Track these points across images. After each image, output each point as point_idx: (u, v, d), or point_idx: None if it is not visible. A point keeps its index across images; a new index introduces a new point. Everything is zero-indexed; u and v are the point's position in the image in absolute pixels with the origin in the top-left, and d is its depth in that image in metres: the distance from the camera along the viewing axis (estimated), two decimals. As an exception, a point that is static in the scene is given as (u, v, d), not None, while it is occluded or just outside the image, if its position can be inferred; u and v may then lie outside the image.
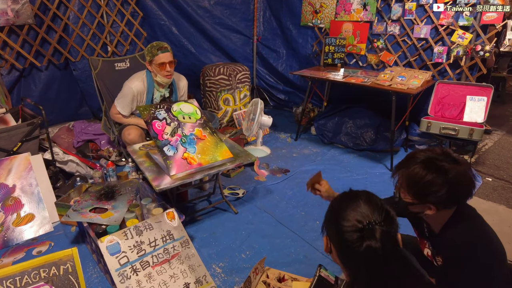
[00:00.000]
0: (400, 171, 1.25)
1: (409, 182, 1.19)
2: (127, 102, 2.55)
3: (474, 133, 2.69)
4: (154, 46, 2.48)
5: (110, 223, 1.91)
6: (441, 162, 1.14)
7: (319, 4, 3.89)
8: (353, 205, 0.99)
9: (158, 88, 2.62)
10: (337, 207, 1.04)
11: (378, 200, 1.02)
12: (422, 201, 1.19)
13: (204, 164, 2.07)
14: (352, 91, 3.87)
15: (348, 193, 1.08)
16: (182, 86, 2.81)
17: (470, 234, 1.20)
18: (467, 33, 3.04)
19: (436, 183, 1.13)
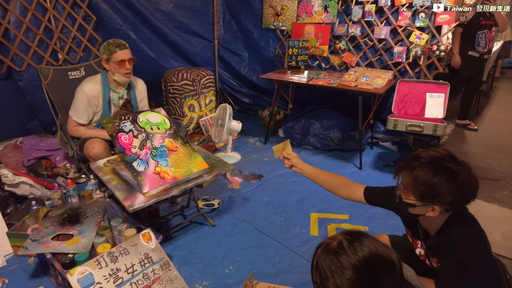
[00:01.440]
0: (405, 171, 1.23)
1: (416, 182, 1.16)
2: (83, 108, 2.34)
3: (438, 128, 2.80)
4: (111, 43, 2.32)
5: (78, 250, 1.71)
6: (448, 163, 1.13)
7: (280, 6, 3.87)
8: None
9: (115, 89, 2.44)
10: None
11: (385, 249, 0.82)
12: (427, 202, 1.17)
13: (179, 178, 1.93)
14: (317, 93, 3.91)
15: (341, 249, 0.81)
16: (141, 88, 2.65)
17: (469, 235, 1.21)
18: (423, 34, 3.17)
19: (445, 185, 1.11)
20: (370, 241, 0.79)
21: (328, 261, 0.79)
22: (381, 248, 0.78)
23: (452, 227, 1.23)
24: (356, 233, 0.82)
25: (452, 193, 1.11)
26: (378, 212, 2.49)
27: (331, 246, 0.81)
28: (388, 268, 0.74)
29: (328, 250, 0.81)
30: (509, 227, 2.45)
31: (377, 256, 0.76)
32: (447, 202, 1.13)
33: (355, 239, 0.79)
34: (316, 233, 2.27)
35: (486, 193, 2.91)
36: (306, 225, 2.35)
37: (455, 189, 1.10)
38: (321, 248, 0.83)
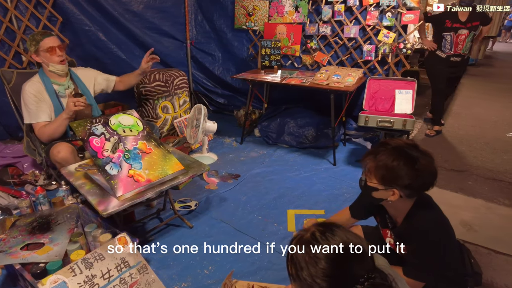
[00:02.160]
0: (370, 156, 1.29)
1: (378, 166, 1.24)
2: (35, 107, 2.25)
3: (407, 123, 2.91)
4: (35, 34, 2.28)
5: (50, 259, 1.65)
6: (410, 151, 1.19)
7: (252, 6, 3.90)
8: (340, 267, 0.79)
9: (57, 81, 2.36)
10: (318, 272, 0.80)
11: (357, 239, 0.84)
12: (387, 185, 1.23)
13: (153, 180, 1.91)
14: (290, 92, 3.96)
15: (313, 239, 0.83)
16: (85, 73, 2.57)
17: (433, 222, 1.28)
18: (391, 33, 3.29)
19: (403, 169, 1.18)
20: (341, 232, 0.82)
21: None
22: (352, 238, 0.81)
23: (416, 215, 1.30)
24: (328, 224, 0.85)
25: (409, 177, 1.18)
26: (352, 206, 2.56)
27: (305, 237, 0.83)
28: (359, 257, 0.77)
29: (301, 242, 0.83)
30: (473, 214, 2.58)
31: (348, 246, 0.78)
32: (405, 185, 1.20)
33: (327, 230, 0.82)
34: (293, 229, 2.31)
35: (453, 184, 3.05)
36: (283, 222, 2.38)
37: (413, 173, 1.17)
38: (295, 240, 0.86)
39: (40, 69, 2.36)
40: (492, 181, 3.13)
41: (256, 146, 3.71)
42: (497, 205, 2.73)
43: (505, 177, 3.19)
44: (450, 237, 1.34)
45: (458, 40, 3.63)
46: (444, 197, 2.84)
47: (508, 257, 2.14)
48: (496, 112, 5.14)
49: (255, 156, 3.47)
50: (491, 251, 2.20)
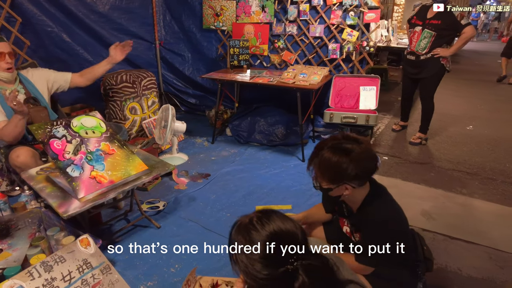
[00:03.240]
0: (312, 162, 1.34)
1: (322, 169, 1.29)
2: None
3: (370, 119, 3.02)
4: None
5: (8, 265, 1.63)
6: (344, 144, 1.25)
7: (220, 7, 3.92)
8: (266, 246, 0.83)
9: (5, 87, 2.31)
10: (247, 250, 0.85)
11: (291, 225, 0.88)
12: (337, 183, 1.29)
13: (116, 181, 1.91)
14: (261, 91, 4.02)
15: (251, 225, 0.88)
16: (37, 74, 2.51)
17: (385, 211, 1.35)
18: (354, 31, 3.39)
19: (343, 162, 1.24)
20: (278, 218, 0.87)
21: (240, 237, 0.86)
22: (287, 224, 0.86)
23: (369, 204, 1.37)
24: (267, 211, 0.90)
25: (353, 168, 1.24)
26: (318, 200, 2.62)
27: (243, 223, 0.88)
28: (292, 241, 0.82)
29: (240, 227, 0.88)
30: (433, 204, 2.71)
31: (282, 231, 0.84)
32: (352, 177, 1.26)
33: (264, 216, 0.87)
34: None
35: (416, 176, 3.19)
36: (251, 219, 2.42)
37: (354, 163, 1.24)
38: (235, 226, 0.90)
39: None
40: (452, 171, 3.29)
41: (227, 145, 3.74)
42: (455, 194, 2.88)
43: (463, 168, 3.36)
44: (401, 225, 1.41)
45: (412, 37, 3.62)
46: (407, 188, 2.97)
47: (462, 242, 2.27)
48: (458, 107, 5.39)
49: (226, 155, 3.50)
50: (447, 237, 2.32)
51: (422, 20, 3.55)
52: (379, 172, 3.19)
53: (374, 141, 3.98)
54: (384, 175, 3.18)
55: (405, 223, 1.47)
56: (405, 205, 2.76)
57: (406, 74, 3.91)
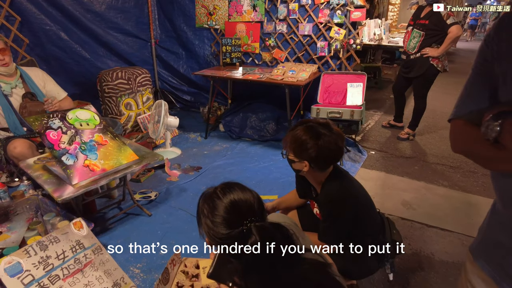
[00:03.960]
0: (289, 132, 1.47)
1: (291, 140, 1.43)
2: None
3: (355, 114, 3.14)
4: None
5: (6, 245, 1.75)
6: (320, 129, 1.38)
7: (212, 6, 4.04)
8: (225, 209, 0.96)
9: (4, 80, 2.45)
10: (210, 214, 0.98)
11: (249, 195, 1.00)
12: (299, 158, 1.42)
13: (108, 169, 2.03)
14: (253, 88, 4.14)
15: (215, 195, 1.00)
16: (38, 75, 2.66)
17: (333, 191, 1.47)
18: (341, 29, 3.51)
19: (308, 143, 1.37)
20: (238, 189, 1.00)
21: (206, 204, 1.00)
22: (246, 195, 0.99)
23: (327, 184, 1.49)
24: (231, 183, 1.03)
25: (314, 151, 1.37)
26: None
27: (208, 193, 1.02)
28: (248, 208, 0.96)
29: (206, 197, 1.02)
30: (414, 195, 2.83)
31: (241, 200, 0.97)
32: (312, 158, 1.39)
33: (227, 187, 1.01)
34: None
35: (401, 169, 3.31)
36: (238, 207, 2.54)
37: (317, 147, 1.37)
38: (202, 196, 1.04)
39: None
40: (436, 165, 3.41)
41: (220, 140, 3.86)
42: (436, 186, 3.00)
43: (447, 162, 3.48)
44: (358, 205, 1.51)
45: (405, 37, 3.78)
46: (390, 181, 3.09)
47: (438, 230, 2.39)
48: (450, 104, 5.50)
49: (218, 150, 3.63)
50: (424, 225, 2.45)
51: (414, 20, 3.68)
52: (365, 166, 3.33)
53: (362, 137, 4.11)
54: (369, 168, 3.30)
55: (367, 205, 1.58)
56: (386, 196, 2.90)
57: (400, 72, 4.04)
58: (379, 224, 1.68)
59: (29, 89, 2.51)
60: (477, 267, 0.82)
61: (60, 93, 2.74)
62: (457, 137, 0.81)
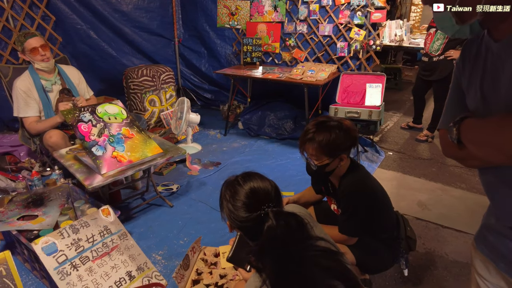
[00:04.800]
0: (306, 144, 1.53)
1: (320, 146, 1.47)
2: (24, 102, 2.52)
3: (373, 114, 3.17)
4: (20, 35, 2.53)
5: (42, 227, 1.90)
6: (330, 122, 1.46)
7: (235, 6, 4.14)
8: (245, 196, 1.07)
9: (45, 77, 2.61)
10: (231, 199, 1.10)
11: (267, 183, 1.12)
12: (334, 156, 1.49)
13: (134, 161, 2.16)
14: (271, 87, 4.21)
15: (236, 182, 1.11)
16: (74, 73, 2.82)
17: (358, 183, 1.53)
18: (361, 30, 3.54)
19: (340, 136, 1.45)
20: (258, 177, 1.10)
21: (227, 191, 1.12)
22: (264, 183, 1.09)
23: (345, 177, 1.55)
24: (251, 172, 1.13)
25: (346, 139, 1.46)
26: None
27: (230, 180, 1.14)
28: (266, 195, 1.06)
29: (228, 184, 1.14)
30: (429, 196, 2.85)
31: (260, 187, 1.07)
32: (347, 147, 1.49)
33: (247, 175, 1.11)
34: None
35: (418, 170, 3.32)
36: (255, 202, 2.63)
37: (346, 135, 1.46)
38: (225, 183, 1.15)
39: (30, 66, 2.61)
40: (454, 168, 3.39)
41: (238, 138, 3.96)
42: (453, 188, 3.00)
43: (466, 164, 3.45)
44: (376, 199, 1.57)
45: (427, 39, 3.74)
46: (406, 181, 3.11)
47: (452, 231, 2.41)
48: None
49: (237, 147, 3.73)
50: (439, 226, 2.46)
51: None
52: (382, 166, 3.36)
53: (381, 137, 4.12)
54: (386, 168, 3.32)
55: (383, 200, 1.63)
56: (401, 196, 2.92)
57: (419, 75, 4.01)
58: (394, 220, 1.73)
59: (66, 85, 2.68)
60: (478, 252, 0.91)
61: (89, 92, 2.93)
62: (442, 144, 0.94)
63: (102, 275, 1.72)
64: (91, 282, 1.69)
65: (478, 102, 0.83)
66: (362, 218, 1.52)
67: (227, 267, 1.88)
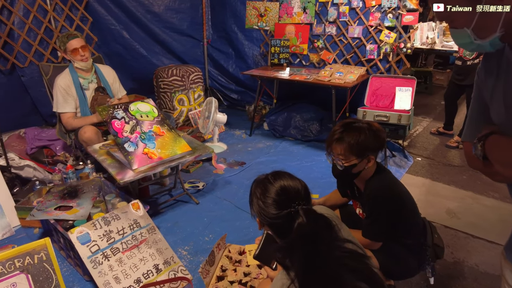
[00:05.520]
0: (334, 145, 1.53)
1: (349, 146, 1.46)
2: (63, 99, 2.66)
3: (402, 118, 3.11)
4: (63, 35, 2.68)
5: (77, 218, 2.00)
6: (358, 124, 1.46)
7: (264, 8, 4.17)
8: (276, 192, 1.09)
9: (83, 75, 2.74)
10: (262, 197, 1.12)
11: (297, 182, 1.14)
12: (362, 156, 1.48)
13: (164, 158, 2.23)
14: (298, 88, 4.21)
15: (267, 180, 1.14)
16: (109, 72, 2.95)
17: (383, 187, 1.52)
18: (392, 33, 3.48)
19: (369, 137, 1.45)
20: (288, 176, 1.12)
21: (258, 188, 1.14)
22: (294, 182, 1.10)
23: (371, 181, 1.54)
24: (281, 171, 1.16)
25: (376, 140, 1.46)
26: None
27: (261, 178, 1.17)
28: (296, 193, 1.08)
29: (258, 181, 1.17)
30: (459, 204, 2.76)
31: (290, 185, 1.09)
32: (376, 148, 1.48)
33: (277, 174, 1.13)
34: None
35: (447, 177, 3.22)
36: (279, 203, 2.65)
37: (375, 136, 1.45)
38: (255, 181, 1.18)
39: (70, 64, 2.75)
40: (487, 176, 3.26)
41: (263, 138, 3.99)
42: (485, 197, 2.88)
43: (500, 173, 3.31)
44: (402, 204, 1.54)
45: None
46: (434, 188, 3.02)
47: (483, 241, 2.32)
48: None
49: (262, 147, 3.75)
50: (469, 236, 2.38)
51: None
52: (410, 172, 3.28)
53: (409, 142, 4.02)
54: (414, 174, 3.25)
55: (409, 205, 1.60)
56: (429, 203, 2.85)
57: (452, 79, 3.91)
58: (421, 227, 1.70)
59: (101, 84, 2.81)
60: (508, 262, 0.88)
61: (122, 92, 3.04)
62: (467, 157, 0.94)
63: (131, 267, 1.79)
64: (120, 272, 1.76)
65: (502, 117, 0.81)
66: (387, 223, 1.50)
67: (251, 265, 1.90)
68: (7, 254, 1.48)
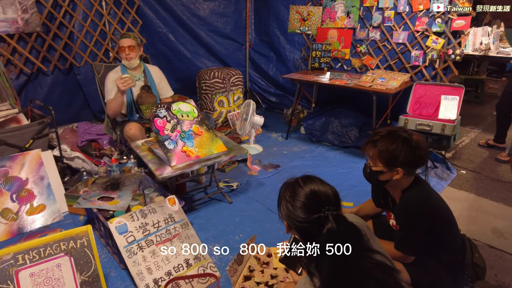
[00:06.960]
0: (368, 146, 1.51)
1: (380, 151, 1.45)
2: (110, 89, 2.83)
3: (446, 128, 2.95)
4: (121, 34, 2.89)
5: (117, 209, 2.13)
6: (401, 133, 1.41)
7: (307, 12, 4.17)
8: (303, 200, 1.10)
9: (132, 73, 2.90)
10: (291, 202, 1.12)
11: (328, 188, 1.14)
12: (391, 166, 1.44)
13: (201, 157, 2.30)
14: (338, 93, 4.15)
15: (296, 183, 1.15)
16: (156, 72, 3.09)
17: (419, 199, 1.46)
18: (439, 38, 3.33)
19: (402, 149, 1.40)
20: (318, 181, 1.12)
21: (287, 191, 1.15)
22: (325, 187, 1.10)
23: (407, 192, 1.49)
24: (311, 176, 1.16)
25: (409, 154, 1.40)
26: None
27: (290, 181, 1.18)
28: (326, 199, 1.08)
29: (288, 184, 1.18)
30: (507, 223, 2.56)
31: (320, 190, 1.09)
32: (407, 162, 1.41)
33: (307, 178, 1.13)
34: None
35: (495, 193, 3.01)
36: (311, 208, 2.63)
37: (410, 151, 1.39)
38: (284, 185, 1.19)
39: (122, 61, 2.92)
40: (542, 195, 3.01)
41: (299, 142, 3.98)
42: (538, 218, 2.66)
43: (557, 193, 3.04)
44: (437, 217, 1.48)
45: None
46: (479, 203, 2.84)
47: (533, 265, 2.15)
48: None
49: (297, 151, 3.74)
50: (517, 258, 2.21)
51: None
52: (453, 185, 3.11)
53: (454, 154, 3.81)
54: (458, 188, 3.07)
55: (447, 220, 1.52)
56: (472, 219, 2.70)
57: (507, 88, 3.67)
58: (460, 243, 1.62)
59: (147, 83, 2.97)
60: None
61: (168, 92, 3.17)
62: None
63: (163, 259, 1.88)
64: (153, 264, 1.85)
65: None
66: (421, 236, 1.45)
67: (278, 268, 1.91)
68: (55, 236, 1.61)
